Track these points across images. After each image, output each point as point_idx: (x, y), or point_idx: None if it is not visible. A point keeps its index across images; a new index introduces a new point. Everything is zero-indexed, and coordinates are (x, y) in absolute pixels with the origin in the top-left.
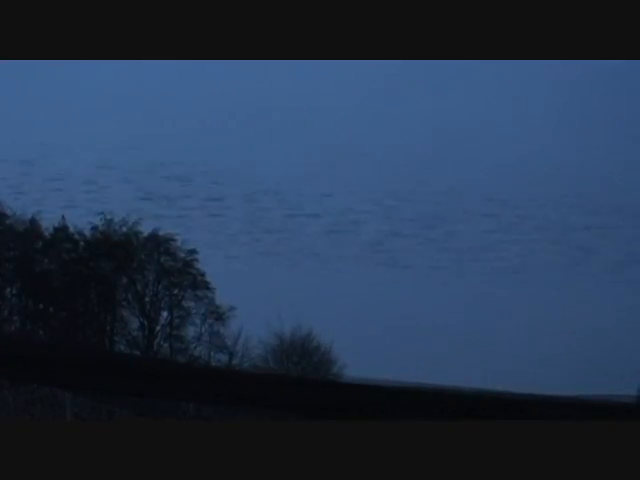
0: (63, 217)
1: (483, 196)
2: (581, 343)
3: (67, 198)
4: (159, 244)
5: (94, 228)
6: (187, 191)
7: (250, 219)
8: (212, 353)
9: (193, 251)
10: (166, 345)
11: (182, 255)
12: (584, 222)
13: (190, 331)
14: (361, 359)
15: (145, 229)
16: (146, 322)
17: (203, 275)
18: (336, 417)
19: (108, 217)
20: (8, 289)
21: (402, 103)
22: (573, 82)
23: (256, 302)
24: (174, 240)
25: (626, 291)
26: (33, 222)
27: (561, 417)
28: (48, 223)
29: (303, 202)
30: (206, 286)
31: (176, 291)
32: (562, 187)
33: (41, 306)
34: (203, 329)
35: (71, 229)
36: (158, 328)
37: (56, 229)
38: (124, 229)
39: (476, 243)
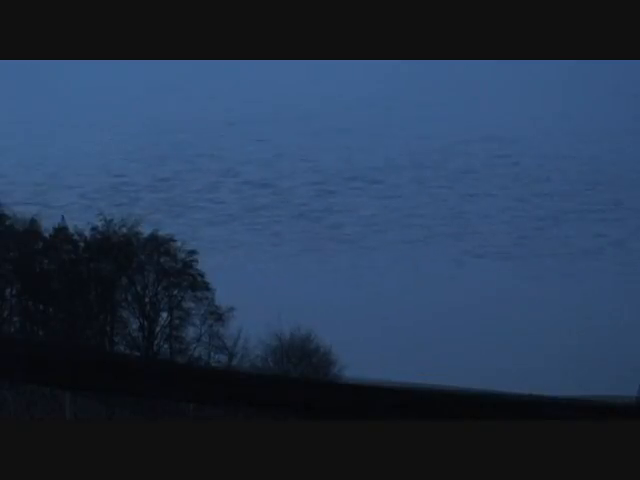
0: (63, 218)
1: (482, 196)
2: (581, 344)
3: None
4: (159, 245)
5: (94, 229)
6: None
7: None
8: (212, 354)
9: (193, 252)
10: (166, 346)
11: (182, 256)
12: (584, 223)
13: (190, 332)
14: (361, 360)
15: (145, 230)
16: (146, 323)
17: (203, 276)
18: (336, 417)
19: (108, 218)
20: (8, 290)
21: (403, 102)
22: (573, 82)
23: (256, 303)
24: (174, 241)
25: (626, 292)
26: (33, 223)
27: (561, 417)
28: (48, 224)
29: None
30: (206, 287)
31: (176, 292)
32: (559, 186)
33: (41, 307)
34: (203, 330)
35: (71, 230)
36: (158, 329)
37: (56, 230)
38: (124, 230)
39: (474, 244)
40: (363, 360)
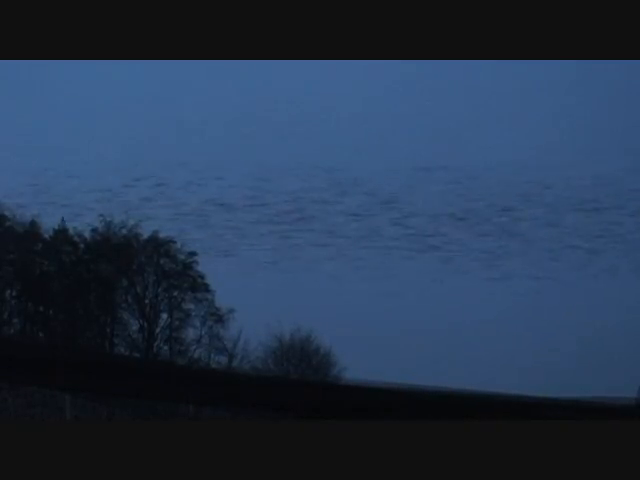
0: (63, 219)
1: (481, 203)
2: (581, 346)
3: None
4: (159, 246)
5: (94, 230)
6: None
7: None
8: (212, 355)
9: (193, 253)
10: (166, 347)
11: (182, 257)
12: (583, 224)
13: (190, 333)
14: (361, 362)
15: (145, 231)
16: (146, 324)
17: (203, 277)
18: (335, 418)
19: (108, 219)
20: (8, 291)
21: (404, 103)
22: (573, 82)
23: (256, 304)
24: (174, 242)
25: (626, 293)
26: (33, 224)
27: (561, 418)
28: (48, 225)
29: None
30: (206, 288)
31: (176, 293)
32: (560, 188)
33: (41, 308)
34: (203, 331)
35: (71, 231)
36: (158, 330)
37: (56, 231)
38: (124, 231)
39: (472, 246)
40: (363, 361)
